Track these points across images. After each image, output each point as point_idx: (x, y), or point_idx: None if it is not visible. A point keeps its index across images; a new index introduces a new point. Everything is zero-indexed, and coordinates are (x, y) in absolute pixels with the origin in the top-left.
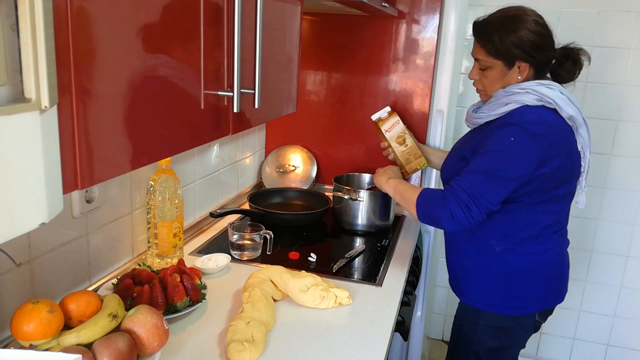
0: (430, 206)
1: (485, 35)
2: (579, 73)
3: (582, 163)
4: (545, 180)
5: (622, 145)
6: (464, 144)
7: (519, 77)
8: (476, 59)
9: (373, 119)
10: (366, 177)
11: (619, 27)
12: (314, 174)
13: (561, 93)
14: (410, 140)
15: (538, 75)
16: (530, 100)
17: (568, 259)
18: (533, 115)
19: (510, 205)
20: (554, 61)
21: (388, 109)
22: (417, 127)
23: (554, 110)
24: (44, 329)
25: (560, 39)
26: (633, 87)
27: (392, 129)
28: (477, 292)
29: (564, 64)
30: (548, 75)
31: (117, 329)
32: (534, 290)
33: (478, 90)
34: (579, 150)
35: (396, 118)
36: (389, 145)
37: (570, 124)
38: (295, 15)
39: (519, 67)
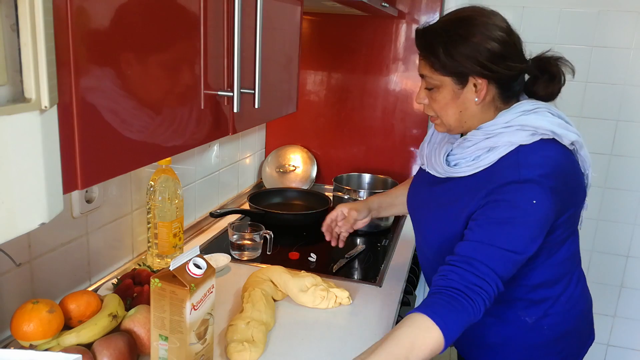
0: (461, 328)
1: (429, 46)
2: (559, 91)
3: (586, 181)
4: (563, 226)
5: (622, 145)
6: (450, 204)
7: (476, 99)
8: (422, 76)
9: (171, 269)
10: (366, 177)
11: (619, 27)
12: (314, 174)
13: (551, 114)
14: (211, 332)
15: (504, 93)
16: (523, 138)
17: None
18: (540, 160)
19: (530, 272)
20: (526, 76)
21: (202, 261)
22: (417, 127)
23: (553, 140)
24: (44, 329)
25: (560, 39)
26: (633, 87)
27: (203, 302)
28: None
29: (539, 80)
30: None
31: (117, 329)
32: (579, 340)
33: (432, 119)
34: (583, 172)
35: (213, 280)
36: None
37: (571, 148)
38: (295, 15)
39: (474, 85)
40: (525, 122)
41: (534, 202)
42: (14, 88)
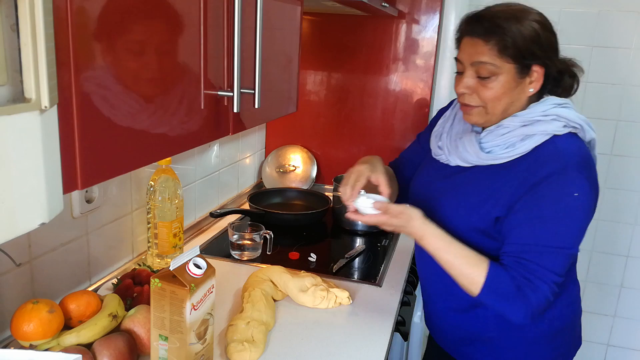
0: (499, 301)
1: (500, 29)
2: (576, 89)
3: None
4: None
5: (622, 145)
6: (476, 192)
7: (531, 90)
8: (476, 63)
9: (171, 269)
10: None
11: (619, 27)
12: (314, 174)
13: (576, 111)
14: (211, 332)
15: (543, 89)
16: (558, 128)
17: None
18: (575, 149)
19: None
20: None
21: (202, 261)
22: (417, 127)
23: (577, 135)
24: (44, 329)
25: (561, 39)
26: (633, 87)
27: (203, 302)
28: None
29: (563, 79)
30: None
31: (117, 329)
32: (573, 339)
33: (468, 108)
34: None
35: (213, 280)
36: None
37: (587, 146)
38: (295, 15)
39: (530, 76)
40: (559, 113)
41: (576, 194)
42: (14, 88)
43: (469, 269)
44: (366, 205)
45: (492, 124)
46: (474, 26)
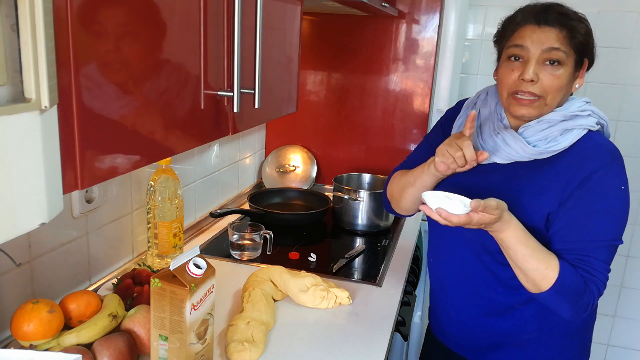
0: (567, 298)
1: (569, 19)
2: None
3: None
4: None
5: (622, 145)
6: (523, 188)
7: (576, 86)
8: (548, 50)
9: (171, 269)
10: (366, 177)
11: (619, 27)
12: (314, 174)
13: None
14: (211, 332)
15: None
16: (592, 124)
17: None
18: (611, 144)
19: None
20: None
21: (202, 261)
22: (417, 127)
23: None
24: (44, 329)
25: None
26: (633, 87)
27: (203, 302)
28: None
29: None
30: None
31: (117, 329)
32: (590, 337)
33: (529, 101)
34: None
35: (213, 280)
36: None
37: None
38: (295, 15)
39: (578, 72)
40: (593, 110)
41: (622, 187)
42: (14, 88)
43: (542, 264)
44: (456, 206)
45: (537, 117)
46: (545, 15)
